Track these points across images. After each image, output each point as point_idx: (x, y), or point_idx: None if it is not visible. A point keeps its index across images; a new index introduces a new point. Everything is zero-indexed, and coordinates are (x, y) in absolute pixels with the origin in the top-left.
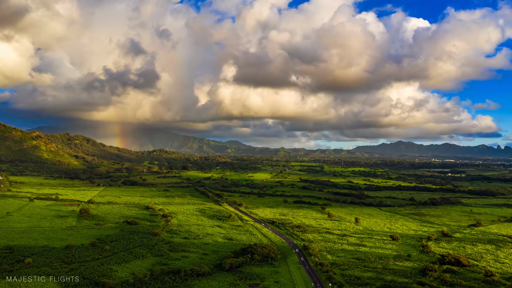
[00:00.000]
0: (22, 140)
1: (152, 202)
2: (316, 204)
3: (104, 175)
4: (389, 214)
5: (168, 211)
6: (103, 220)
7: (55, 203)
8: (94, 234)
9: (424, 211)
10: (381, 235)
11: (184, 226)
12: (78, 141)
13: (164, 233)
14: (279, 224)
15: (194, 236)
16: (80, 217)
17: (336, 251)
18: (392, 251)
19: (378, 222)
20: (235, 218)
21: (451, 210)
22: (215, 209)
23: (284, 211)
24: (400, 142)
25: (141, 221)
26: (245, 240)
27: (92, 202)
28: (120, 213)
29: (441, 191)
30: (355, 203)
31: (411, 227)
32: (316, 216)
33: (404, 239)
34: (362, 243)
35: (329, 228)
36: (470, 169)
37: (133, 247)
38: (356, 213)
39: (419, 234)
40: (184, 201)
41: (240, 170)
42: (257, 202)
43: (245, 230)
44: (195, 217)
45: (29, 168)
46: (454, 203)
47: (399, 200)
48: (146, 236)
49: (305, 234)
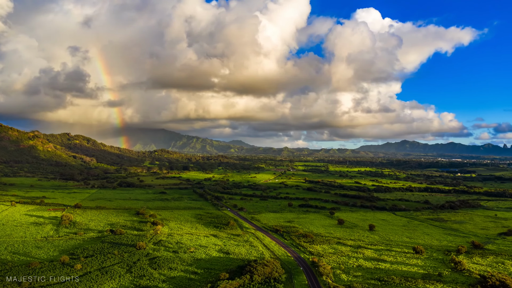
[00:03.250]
0: (19, 140)
1: (144, 207)
2: (324, 208)
3: (101, 176)
4: (406, 219)
5: (161, 217)
6: (85, 228)
7: (38, 207)
8: (70, 246)
9: (443, 215)
10: (401, 247)
11: (175, 236)
12: (78, 141)
13: (150, 245)
14: (283, 232)
15: (184, 248)
16: (60, 224)
17: (352, 269)
18: (418, 269)
19: (395, 229)
20: (234, 225)
21: (473, 215)
22: (213, 214)
23: (289, 216)
24: (405, 141)
25: (128, 229)
26: (243, 254)
27: (79, 207)
28: (106, 219)
29: (455, 192)
30: (366, 207)
31: (434, 236)
32: (324, 223)
33: (429, 252)
34: (381, 257)
35: (341, 237)
36: (479, 169)
37: (110, 264)
38: (369, 219)
39: (445, 245)
40: (180, 204)
41: (242, 170)
42: (260, 206)
43: (245, 241)
44: (190, 224)
45: (24, 169)
46: (475, 207)
47: (413, 203)
48: (129, 250)
49: (313, 246)
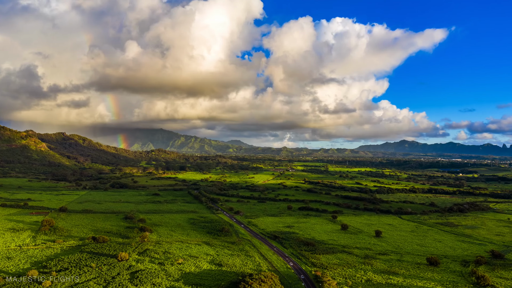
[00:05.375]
0: (11, 139)
1: (134, 210)
2: (325, 212)
3: (95, 176)
4: (413, 224)
5: (150, 221)
6: (66, 234)
7: (20, 211)
8: (44, 257)
9: (452, 219)
10: (413, 256)
11: (163, 244)
12: (73, 140)
13: (134, 255)
14: (282, 239)
15: (172, 259)
16: (39, 231)
17: (360, 284)
18: (435, 284)
19: (404, 236)
20: (229, 231)
21: (484, 219)
22: (207, 218)
23: (288, 220)
24: (404, 141)
25: (113, 236)
26: (238, 266)
27: (64, 210)
28: (91, 224)
29: (460, 194)
30: (370, 210)
31: (446, 243)
32: (327, 228)
33: (445, 263)
34: (392, 269)
35: (346, 245)
36: (481, 169)
37: (85, 279)
38: (374, 223)
39: (460, 254)
40: (173, 208)
41: (240, 170)
42: (257, 209)
43: (240, 250)
44: (181, 230)
45: (16, 169)
46: (484, 210)
47: (418, 205)
48: (109, 261)
49: (315, 255)
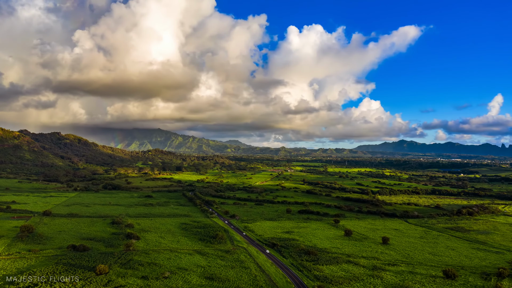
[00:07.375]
0: (3, 139)
1: (123, 214)
2: (327, 215)
3: (88, 177)
4: (421, 229)
5: (139, 227)
6: (46, 242)
7: (1, 215)
8: (15, 270)
9: (462, 224)
10: (426, 268)
11: (150, 254)
12: (68, 140)
13: (116, 267)
14: (281, 247)
15: (158, 272)
16: (17, 237)
17: None
18: None
19: (413, 243)
20: (224, 238)
21: (495, 223)
22: (200, 223)
23: (287, 225)
24: (402, 141)
25: (96, 243)
26: (232, 280)
27: (48, 214)
28: (75, 230)
29: (464, 195)
30: (373, 213)
31: (461, 252)
32: (329, 234)
33: (464, 276)
34: (405, 283)
35: (351, 253)
36: (482, 169)
37: None
38: (379, 228)
39: (478, 264)
40: (165, 211)
41: (238, 171)
42: (254, 212)
43: (235, 260)
44: (171, 236)
45: (7, 170)
46: (494, 213)
47: (424, 208)
48: (86, 275)
49: (318, 267)
